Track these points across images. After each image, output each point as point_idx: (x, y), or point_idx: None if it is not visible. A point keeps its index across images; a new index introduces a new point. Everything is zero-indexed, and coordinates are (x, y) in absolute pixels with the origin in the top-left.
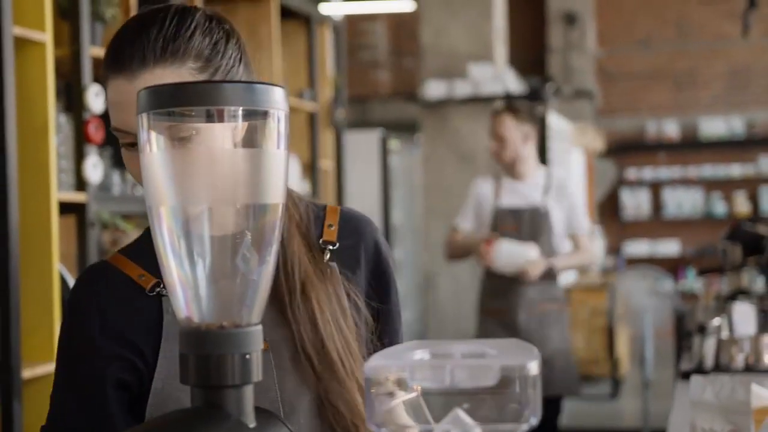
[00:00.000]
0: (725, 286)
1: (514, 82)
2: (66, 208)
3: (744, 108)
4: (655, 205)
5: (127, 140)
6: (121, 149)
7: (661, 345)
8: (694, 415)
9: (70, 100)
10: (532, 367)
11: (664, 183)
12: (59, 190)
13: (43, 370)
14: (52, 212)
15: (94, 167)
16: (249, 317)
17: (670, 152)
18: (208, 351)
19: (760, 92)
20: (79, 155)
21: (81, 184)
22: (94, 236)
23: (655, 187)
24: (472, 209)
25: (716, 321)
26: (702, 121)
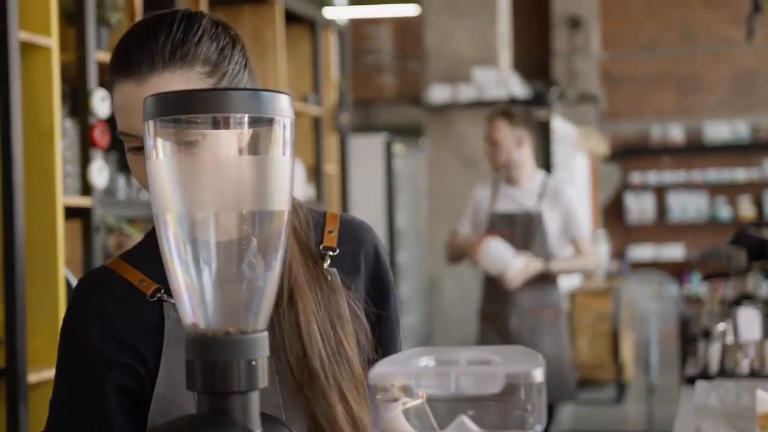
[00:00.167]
0: (730, 291)
1: (518, 87)
2: (71, 213)
3: (749, 112)
4: (659, 209)
5: (133, 144)
6: (126, 153)
7: (665, 350)
8: (699, 421)
9: (76, 105)
10: (537, 374)
11: (669, 187)
12: (65, 195)
13: (49, 375)
14: (58, 216)
15: (100, 172)
16: (255, 323)
17: (675, 156)
18: (215, 357)
19: (764, 96)
20: (85, 160)
21: (86, 188)
22: (99, 240)
23: (660, 192)
24: (470, 214)
25: (721, 326)
26: (707, 126)
